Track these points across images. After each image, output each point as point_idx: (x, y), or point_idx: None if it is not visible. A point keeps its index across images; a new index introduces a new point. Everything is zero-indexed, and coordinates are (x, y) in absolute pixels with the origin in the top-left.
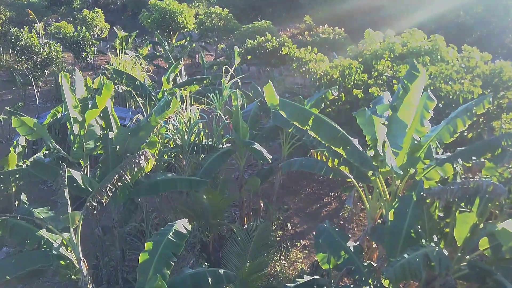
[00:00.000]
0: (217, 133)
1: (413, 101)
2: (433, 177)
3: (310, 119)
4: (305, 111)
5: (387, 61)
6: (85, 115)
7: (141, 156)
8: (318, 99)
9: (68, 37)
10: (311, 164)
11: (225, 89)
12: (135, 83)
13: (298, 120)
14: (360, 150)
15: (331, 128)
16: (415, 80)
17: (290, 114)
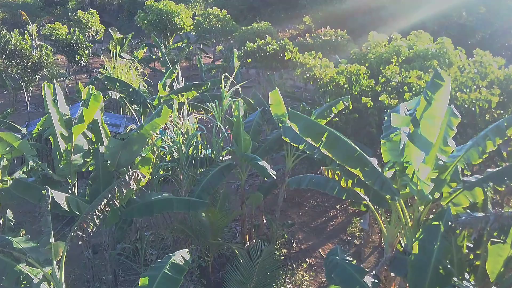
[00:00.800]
0: (216, 146)
1: (438, 115)
2: (461, 203)
3: (324, 135)
4: (318, 126)
5: (395, 66)
6: (72, 130)
7: (131, 178)
8: (326, 109)
9: (61, 40)
10: (322, 182)
11: (225, 98)
12: (129, 90)
13: (310, 136)
14: (379, 171)
15: (346, 146)
16: (439, 90)
17: (302, 129)
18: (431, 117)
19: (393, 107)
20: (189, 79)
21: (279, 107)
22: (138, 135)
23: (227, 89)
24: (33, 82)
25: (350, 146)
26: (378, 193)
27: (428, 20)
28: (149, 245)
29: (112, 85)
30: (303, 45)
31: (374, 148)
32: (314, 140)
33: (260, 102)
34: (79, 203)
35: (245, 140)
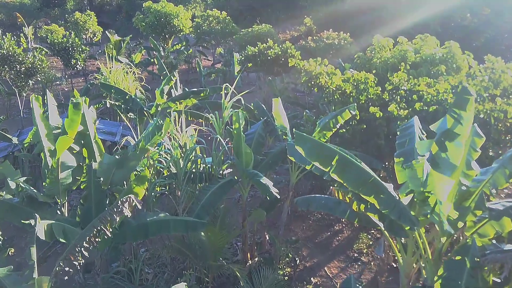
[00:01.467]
0: (216, 160)
1: (464, 135)
2: (487, 233)
3: (334, 159)
4: (327, 149)
5: (403, 73)
6: (56, 144)
7: (124, 203)
8: (332, 119)
9: (56, 43)
10: (332, 205)
11: (225, 109)
12: (125, 98)
13: (318, 160)
14: (397, 199)
15: (359, 171)
16: (467, 108)
17: (309, 152)
18: (457, 138)
19: (402, 118)
20: (188, 83)
21: (283, 119)
22: (134, 152)
23: (227, 99)
24: (26, 87)
25: (363, 171)
26: (394, 221)
27: (432, 22)
28: (145, 263)
29: (108, 92)
30: (305, 49)
31: (383, 160)
32: (323, 165)
33: (262, 112)
34: (66, 229)
35: (247, 154)
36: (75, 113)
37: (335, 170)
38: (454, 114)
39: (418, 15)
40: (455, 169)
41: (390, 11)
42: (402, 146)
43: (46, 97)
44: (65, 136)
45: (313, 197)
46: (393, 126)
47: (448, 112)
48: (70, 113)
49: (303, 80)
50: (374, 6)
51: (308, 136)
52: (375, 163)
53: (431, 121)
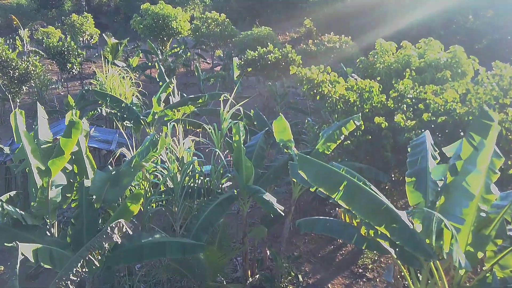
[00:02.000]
0: (215, 174)
1: (483, 163)
2: (509, 265)
3: (341, 185)
4: (333, 174)
5: (408, 80)
6: (49, 165)
7: (114, 229)
8: (335, 130)
9: (51, 47)
10: (338, 229)
11: (224, 120)
12: (121, 106)
13: (324, 186)
14: (411, 229)
15: (370, 198)
16: (488, 135)
17: (314, 178)
18: (475, 164)
19: (409, 129)
20: (186, 88)
21: (285, 133)
22: (128, 169)
23: (226, 109)
24: (20, 93)
25: (374, 198)
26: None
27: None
28: (141, 280)
29: (103, 100)
30: (306, 52)
31: (389, 172)
32: (329, 191)
33: (262, 122)
34: (54, 254)
35: (247, 168)
36: (72, 133)
37: (342, 197)
38: (472, 140)
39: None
40: (472, 198)
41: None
42: (414, 165)
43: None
44: (61, 157)
45: (317, 220)
46: (400, 137)
47: (465, 136)
48: (67, 132)
49: (304, 88)
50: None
51: (312, 159)
52: (381, 175)
53: (440, 133)
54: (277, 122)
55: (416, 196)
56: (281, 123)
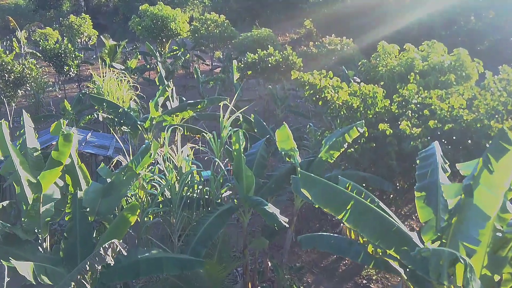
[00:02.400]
0: (214, 185)
1: (499, 184)
2: None
3: (348, 205)
4: (339, 193)
5: (413, 84)
6: (40, 179)
7: (107, 250)
8: (339, 137)
9: (48, 49)
10: (343, 246)
11: (224, 128)
12: (117, 111)
13: (329, 206)
14: None
15: (379, 220)
16: (504, 156)
17: (318, 197)
18: (491, 187)
19: (415, 137)
20: (185, 91)
21: (287, 142)
22: (121, 178)
23: (226, 117)
24: (15, 97)
25: (383, 219)
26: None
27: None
28: None
29: (99, 105)
30: (306, 55)
31: (393, 180)
32: (335, 212)
33: (263, 129)
34: (47, 271)
35: (248, 177)
36: (64, 145)
37: (349, 219)
38: (489, 163)
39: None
40: (489, 219)
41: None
42: (423, 178)
43: (23, 118)
44: (53, 170)
45: (320, 236)
46: (405, 145)
47: (482, 157)
48: (60, 145)
49: (306, 94)
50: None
51: (315, 177)
52: (386, 185)
53: (446, 140)
54: (280, 131)
55: (427, 212)
56: (284, 132)
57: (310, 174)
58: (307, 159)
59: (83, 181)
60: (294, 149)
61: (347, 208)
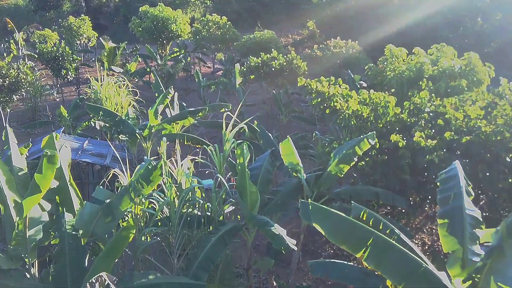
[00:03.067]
0: (216, 202)
1: None
2: None
3: (367, 242)
4: (357, 229)
5: (425, 91)
6: (23, 203)
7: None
8: (349, 149)
9: (45, 52)
10: (358, 277)
11: (226, 141)
12: (115, 120)
13: (345, 243)
14: None
15: (403, 258)
16: None
17: (332, 233)
18: None
19: (430, 149)
20: (186, 94)
21: (292, 156)
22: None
23: (229, 129)
24: (10, 102)
25: (408, 258)
26: None
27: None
28: None
29: (95, 114)
30: (310, 58)
31: (407, 195)
32: (352, 249)
33: (268, 141)
34: None
35: (252, 193)
36: (48, 167)
37: (369, 258)
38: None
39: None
40: None
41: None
42: (446, 203)
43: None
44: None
45: (332, 264)
46: (419, 158)
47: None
48: (44, 168)
49: (314, 102)
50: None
51: (328, 210)
52: (399, 200)
53: (464, 154)
54: (283, 144)
55: (452, 242)
56: (287, 146)
57: (322, 206)
58: (314, 173)
59: (75, 200)
60: (299, 164)
61: (366, 245)
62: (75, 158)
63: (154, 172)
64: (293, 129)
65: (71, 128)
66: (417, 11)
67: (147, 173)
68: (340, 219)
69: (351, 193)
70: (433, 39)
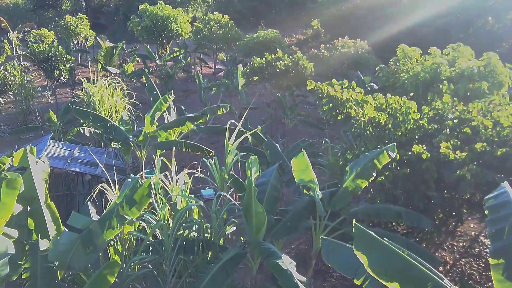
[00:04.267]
0: (217, 223)
1: None
2: None
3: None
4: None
5: (447, 95)
6: None
7: None
8: (367, 163)
9: (37, 53)
10: None
11: (229, 153)
12: (106, 126)
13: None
14: None
15: None
16: None
17: (379, 267)
18: None
19: (460, 162)
20: (186, 96)
21: (306, 172)
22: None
23: (232, 140)
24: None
25: None
26: None
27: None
28: None
29: (84, 119)
30: (317, 59)
31: (431, 214)
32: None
33: (275, 153)
34: None
35: (258, 215)
36: (7, 194)
37: None
38: None
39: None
40: None
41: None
42: (499, 238)
43: None
44: None
45: None
46: (448, 172)
47: None
48: (3, 194)
49: (325, 108)
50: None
51: (377, 238)
52: (424, 222)
53: (497, 168)
54: (297, 159)
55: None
56: (302, 160)
57: (366, 230)
58: (328, 190)
59: (51, 225)
60: (314, 181)
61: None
62: (64, 167)
63: (141, 192)
64: (299, 134)
65: (62, 133)
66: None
67: (133, 194)
68: (389, 252)
69: (369, 212)
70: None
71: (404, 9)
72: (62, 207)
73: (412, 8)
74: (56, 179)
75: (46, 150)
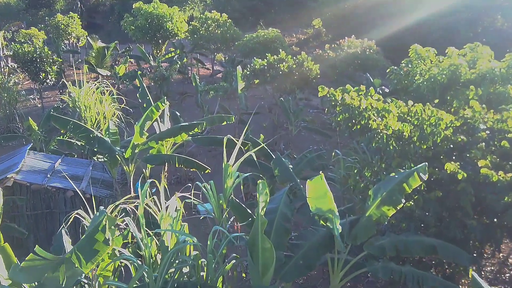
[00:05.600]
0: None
1: None
2: None
3: None
4: None
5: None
6: None
7: None
8: (395, 188)
9: (21, 54)
10: None
11: (229, 176)
12: (89, 137)
13: None
14: None
15: None
16: None
17: None
18: None
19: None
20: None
21: (324, 201)
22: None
23: (231, 161)
24: None
25: None
26: None
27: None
28: None
29: (63, 129)
30: (323, 60)
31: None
32: None
33: (286, 173)
34: None
35: (265, 251)
36: None
37: None
38: None
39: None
40: None
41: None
42: None
43: None
44: None
45: None
46: (491, 197)
47: None
48: None
49: (340, 118)
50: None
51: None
52: (463, 258)
53: None
54: (313, 183)
55: None
56: (319, 185)
57: None
58: (349, 218)
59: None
60: (334, 212)
61: None
62: (43, 182)
63: (98, 237)
64: (304, 142)
65: (44, 143)
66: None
67: (89, 239)
68: None
69: (398, 246)
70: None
71: (408, 7)
72: (41, 228)
73: (416, 6)
74: (34, 196)
75: (24, 162)
